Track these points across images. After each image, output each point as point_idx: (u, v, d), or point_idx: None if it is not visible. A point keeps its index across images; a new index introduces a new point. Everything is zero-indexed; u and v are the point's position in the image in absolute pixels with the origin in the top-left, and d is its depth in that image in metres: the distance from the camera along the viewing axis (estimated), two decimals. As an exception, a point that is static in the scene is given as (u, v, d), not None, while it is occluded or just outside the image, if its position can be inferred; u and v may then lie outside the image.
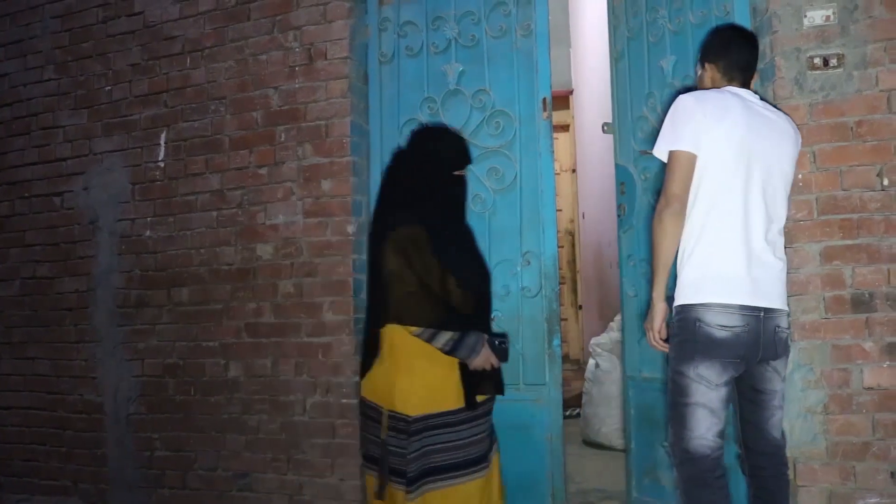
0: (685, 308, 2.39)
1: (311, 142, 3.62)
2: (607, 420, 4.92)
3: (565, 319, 5.99)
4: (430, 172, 2.84)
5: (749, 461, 2.56)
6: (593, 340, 5.23)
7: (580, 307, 7.58)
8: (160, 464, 3.86)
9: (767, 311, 2.38)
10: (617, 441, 4.73)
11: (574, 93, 7.62)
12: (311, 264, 3.58)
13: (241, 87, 3.79)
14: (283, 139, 3.68)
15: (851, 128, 2.85)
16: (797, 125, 2.83)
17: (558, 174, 3.57)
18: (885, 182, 2.81)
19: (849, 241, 2.84)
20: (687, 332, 2.37)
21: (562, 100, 7.33)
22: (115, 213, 4.04)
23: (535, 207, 3.44)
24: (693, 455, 2.33)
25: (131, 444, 3.93)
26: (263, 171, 3.71)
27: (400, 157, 3.02)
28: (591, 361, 5.15)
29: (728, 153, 2.38)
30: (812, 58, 2.89)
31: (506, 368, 3.38)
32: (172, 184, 3.91)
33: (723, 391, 2.34)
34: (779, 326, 2.43)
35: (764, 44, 2.99)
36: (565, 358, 6.61)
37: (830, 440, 2.81)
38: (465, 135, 3.50)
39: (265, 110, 3.73)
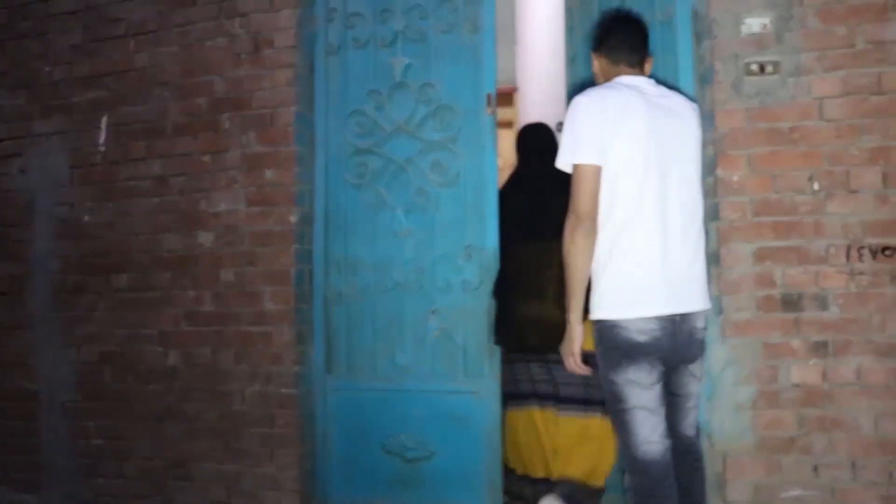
0: (603, 324, 2.35)
1: (255, 130, 3.59)
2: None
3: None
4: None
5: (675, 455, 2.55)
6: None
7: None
8: (96, 452, 3.80)
9: (684, 315, 2.37)
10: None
11: (519, 90, 7.67)
12: (253, 253, 3.56)
13: (186, 73, 3.74)
14: (227, 127, 3.64)
15: (785, 133, 2.93)
16: (734, 128, 2.94)
17: (502, 170, 3.59)
18: (816, 186, 2.89)
19: (780, 243, 2.92)
20: (608, 340, 2.34)
21: (506, 97, 7.39)
22: (53, 196, 3.96)
23: (477, 201, 3.46)
24: (642, 463, 2.30)
25: (66, 432, 3.87)
26: (207, 158, 3.67)
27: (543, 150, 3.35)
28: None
29: (634, 157, 2.31)
30: (749, 64, 2.96)
31: (445, 361, 3.45)
32: (113, 168, 3.84)
33: (657, 389, 2.32)
34: (695, 328, 2.42)
35: (704, 48, 3.07)
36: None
37: (758, 435, 2.90)
38: (410, 128, 3.52)
39: (210, 97, 3.68)
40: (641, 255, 2.31)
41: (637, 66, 2.49)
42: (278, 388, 3.50)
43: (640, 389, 2.30)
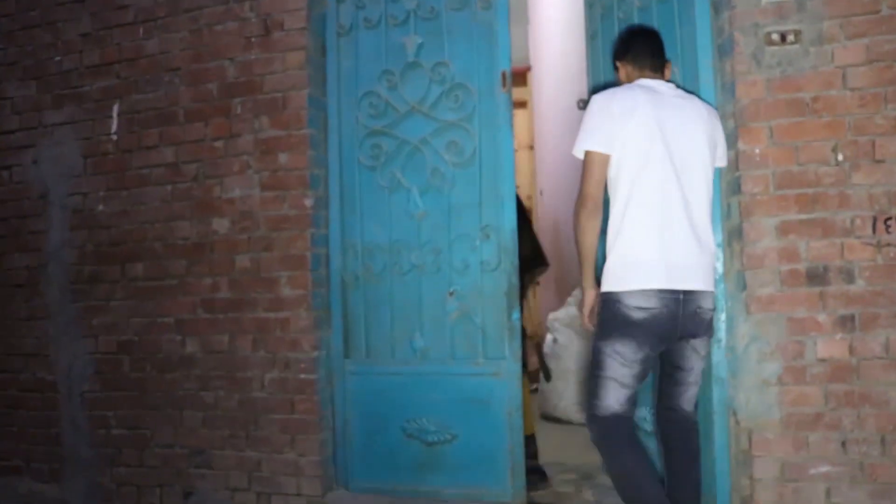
0: (607, 295, 2.57)
1: (267, 114, 3.56)
2: (565, 394, 4.96)
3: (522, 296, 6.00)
4: None
5: (659, 427, 2.80)
6: (551, 315, 5.26)
7: (537, 283, 7.61)
8: (116, 442, 3.80)
9: (687, 293, 2.53)
10: (574, 415, 4.77)
11: (532, 69, 7.60)
12: (268, 238, 3.53)
13: (196, 58, 3.70)
14: (239, 111, 3.61)
15: (808, 103, 2.87)
16: (755, 100, 2.88)
17: (516, 151, 3.54)
18: (840, 157, 2.83)
19: (804, 216, 2.86)
20: (608, 312, 2.56)
21: (519, 76, 7.33)
22: (66, 187, 3.94)
23: (494, 181, 3.42)
24: (598, 417, 2.57)
25: (86, 422, 3.87)
26: (219, 143, 3.64)
27: None
28: (549, 336, 5.18)
29: (640, 147, 2.53)
30: (770, 33, 2.90)
31: (464, 343, 3.41)
32: (126, 157, 3.82)
33: (637, 368, 2.53)
34: (700, 307, 2.57)
35: (722, 19, 3.01)
36: (522, 333, 6.63)
37: (784, 411, 2.85)
38: (424, 108, 3.48)
39: (221, 82, 3.65)
40: (642, 234, 2.53)
41: (658, 71, 2.75)
42: (297, 374, 3.48)
43: (620, 364, 2.52)
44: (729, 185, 3.01)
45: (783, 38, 2.89)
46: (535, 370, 5.56)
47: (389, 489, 3.47)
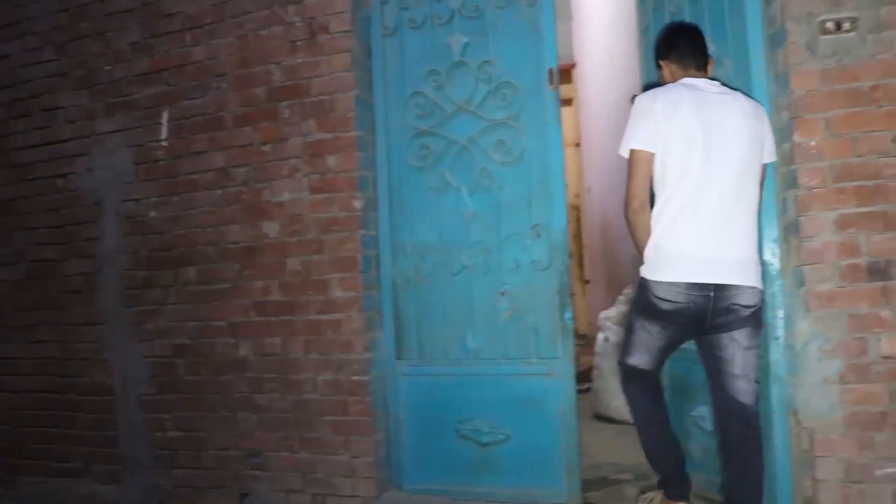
0: (642, 279, 2.74)
1: (315, 117, 3.57)
2: (618, 394, 4.88)
3: (572, 294, 5.99)
4: None
5: (716, 418, 2.83)
6: (602, 314, 5.20)
7: (587, 282, 7.56)
8: (173, 444, 3.86)
9: (719, 287, 2.60)
10: (628, 415, 4.71)
11: (577, 66, 7.53)
12: (319, 241, 3.55)
13: (243, 64, 3.73)
14: (286, 115, 3.63)
15: (866, 93, 2.79)
16: (810, 91, 2.81)
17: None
18: (901, 148, 2.75)
19: (864, 209, 2.78)
20: (640, 293, 2.76)
21: (564, 73, 7.24)
22: (119, 193, 4.00)
23: (543, 179, 3.39)
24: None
25: (143, 425, 3.93)
26: (268, 147, 3.66)
27: None
28: (600, 335, 5.12)
29: (681, 145, 2.63)
30: (824, 22, 2.82)
31: (516, 343, 3.39)
32: (176, 163, 3.87)
33: (662, 342, 2.76)
34: (735, 303, 2.62)
35: (774, 9, 2.93)
36: (574, 333, 6.59)
37: (847, 410, 2.78)
38: (471, 107, 3.46)
39: (268, 86, 3.67)
40: (676, 228, 2.64)
41: (702, 69, 2.82)
42: (349, 376, 3.49)
43: (647, 335, 2.77)
44: (784, 178, 2.93)
45: (838, 26, 2.81)
46: (586, 370, 5.52)
47: (443, 490, 3.46)
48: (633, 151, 2.69)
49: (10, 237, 4.31)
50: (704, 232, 2.61)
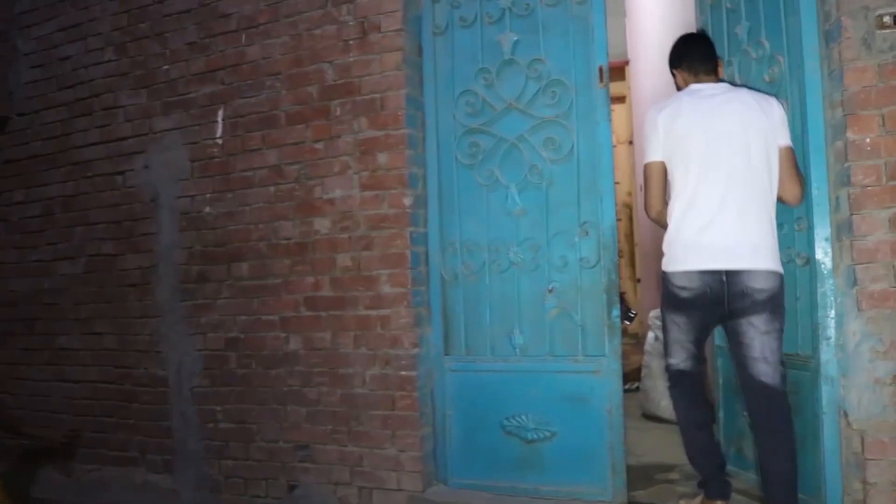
0: (662, 273, 2.95)
1: (366, 115, 3.62)
2: (667, 393, 4.84)
3: (624, 293, 5.94)
4: None
5: (744, 398, 2.91)
6: (652, 313, 5.17)
7: (638, 280, 7.48)
8: (223, 435, 3.94)
9: (731, 273, 2.76)
10: (676, 415, 4.67)
11: (630, 63, 7.47)
12: (368, 237, 3.60)
13: (296, 63, 3.80)
14: (338, 113, 3.68)
15: (924, 89, 2.74)
16: (865, 87, 2.76)
17: (615, 146, 3.49)
18: (960, 145, 2.70)
19: (920, 208, 2.73)
20: (663, 287, 2.95)
21: (618, 71, 7.20)
22: (175, 190, 4.10)
23: (592, 177, 3.39)
24: (669, 369, 3.02)
25: (195, 416, 4.02)
26: (320, 145, 3.72)
27: None
28: (651, 334, 5.10)
29: (682, 149, 2.85)
30: (881, 16, 2.77)
31: (564, 340, 3.39)
32: (230, 160, 3.95)
33: (693, 334, 2.91)
34: (748, 287, 2.75)
35: (829, 4, 2.89)
36: (624, 332, 6.54)
37: (900, 412, 2.73)
38: (521, 105, 3.48)
39: (320, 85, 3.73)
40: (684, 222, 2.85)
41: (712, 73, 2.99)
42: (397, 371, 3.53)
43: (677, 329, 2.94)
44: (837, 176, 2.89)
45: (896, 20, 2.77)
46: (636, 369, 5.49)
47: (488, 486, 3.48)
48: (646, 165, 2.97)
49: (70, 233, 4.45)
50: (711, 222, 2.79)
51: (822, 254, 2.91)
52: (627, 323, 5.65)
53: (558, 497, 3.35)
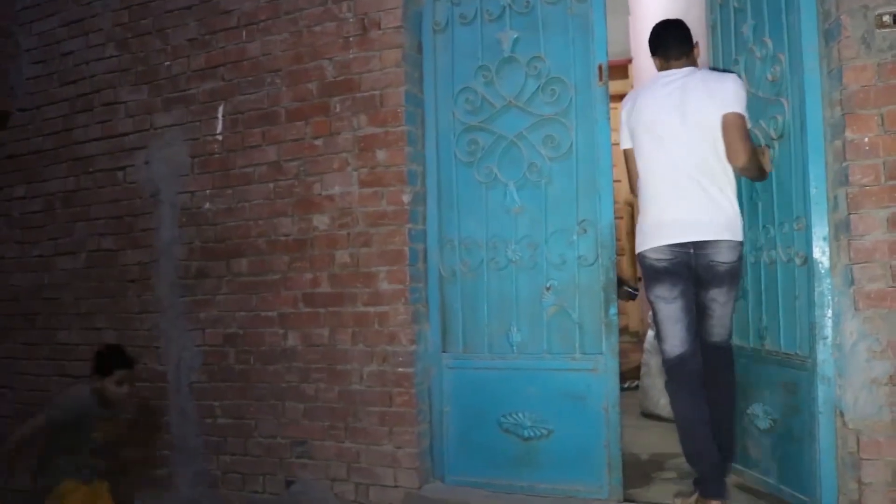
0: (638, 255, 3.13)
1: (365, 112, 3.62)
2: (665, 391, 4.86)
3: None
4: None
5: (702, 354, 3.08)
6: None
7: (639, 279, 7.47)
8: (222, 431, 3.94)
9: (697, 244, 2.99)
10: (674, 413, 4.67)
11: (633, 62, 7.46)
12: (367, 234, 3.60)
13: (296, 59, 3.80)
14: (338, 110, 3.69)
15: (923, 88, 2.73)
16: (864, 86, 2.75)
17: (617, 144, 3.49)
18: (960, 146, 2.69)
19: (918, 207, 2.73)
20: (642, 267, 3.12)
21: (621, 69, 7.18)
22: (175, 186, 4.11)
23: (591, 175, 3.39)
24: (667, 360, 3.07)
25: (193, 411, 4.02)
26: (319, 142, 3.73)
27: None
28: (650, 332, 5.10)
29: (639, 133, 3.09)
30: (881, 15, 2.76)
31: (561, 338, 3.39)
32: (230, 156, 3.96)
33: (679, 302, 3.01)
34: (713, 260, 3.00)
35: (829, 2, 2.88)
36: (624, 330, 6.54)
37: (896, 412, 2.73)
38: (520, 103, 3.48)
39: (320, 81, 3.74)
40: (651, 204, 3.07)
41: (684, 58, 3.13)
42: (395, 368, 3.53)
43: (665, 304, 3.03)
44: (836, 176, 2.88)
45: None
46: (635, 367, 5.49)
47: (485, 483, 3.48)
48: (623, 152, 3.22)
49: (71, 228, 4.46)
50: (668, 202, 3.01)
51: (820, 253, 2.90)
52: (631, 301, 5.63)
53: (555, 495, 3.35)
